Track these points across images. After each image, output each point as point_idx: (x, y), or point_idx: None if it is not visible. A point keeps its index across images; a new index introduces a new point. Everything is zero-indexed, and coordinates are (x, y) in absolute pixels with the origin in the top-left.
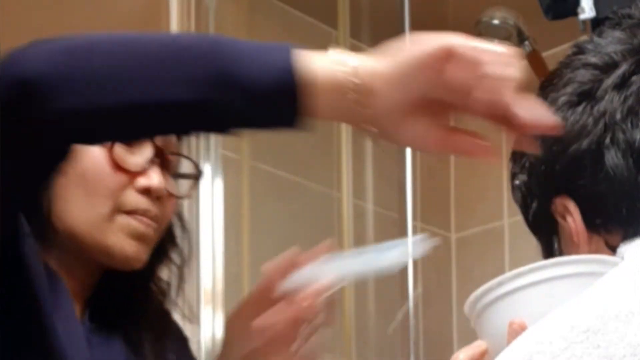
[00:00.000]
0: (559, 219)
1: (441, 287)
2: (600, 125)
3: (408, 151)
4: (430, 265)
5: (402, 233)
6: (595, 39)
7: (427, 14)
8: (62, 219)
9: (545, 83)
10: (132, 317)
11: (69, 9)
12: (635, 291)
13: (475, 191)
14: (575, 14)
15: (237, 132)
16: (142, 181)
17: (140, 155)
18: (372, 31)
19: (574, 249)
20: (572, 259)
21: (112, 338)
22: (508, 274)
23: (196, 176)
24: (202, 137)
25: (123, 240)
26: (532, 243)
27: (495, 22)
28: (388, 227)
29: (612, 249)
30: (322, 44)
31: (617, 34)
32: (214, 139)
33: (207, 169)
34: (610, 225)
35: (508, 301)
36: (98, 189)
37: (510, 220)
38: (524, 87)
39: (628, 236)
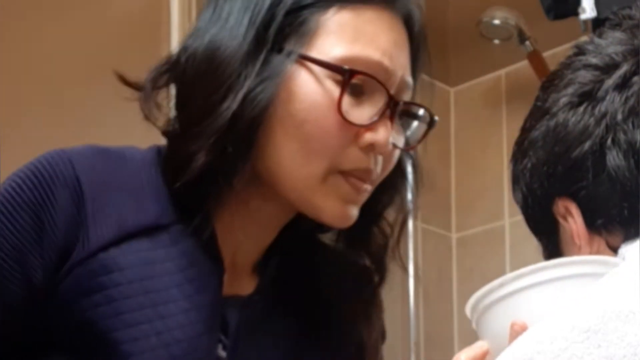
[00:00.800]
0: (560, 220)
1: (442, 287)
2: (602, 126)
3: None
4: (431, 265)
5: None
6: (596, 39)
7: (429, 14)
8: (268, 168)
9: (546, 83)
10: (324, 287)
11: (70, 8)
12: (636, 291)
13: (475, 191)
14: (576, 14)
15: None
16: (367, 137)
17: (371, 106)
18: None
19: (575, 250)
20: (574, 260)
21: (283, 315)
22: (509, 275)
23: (429, 123)
24: None
25: (333, 202)
26: (532, 243)
27: (496, 22)
28: None
29: (614, 250)
30: None
31: (618, 34)
32: None
33: None
34: (611, 226)
35: (509, 302)
36: (318, 147)
37: (511, 220)
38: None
39: (629, 237)
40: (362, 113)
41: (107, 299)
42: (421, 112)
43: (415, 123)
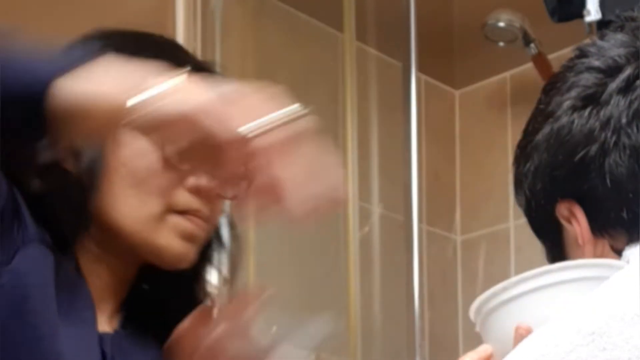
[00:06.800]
0: (564, 223)
1: (446, 289)
2: (607, 129)
3: (414, 153)
4: (436, 267)
5: (408, 235)
6: (598, 42)
7: (433, 17)
8: (109, 216)
9: (548, 86)
10: (172, 321)
11: (74, 9)
12: None
13: (480, 193)
14: (581, 16)
15: None
16: (192, 180)
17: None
18: (378, 34)
19: (579, 253)
20: (578, 264)
21: (148, 344)
22: (513, 279)
23: None
24: None
25: (173, 240)
26: (537, 245)
27: (501, 24)
28: (393, 230)
29: (618, 253)
30: (327, 47)
31: (620, 36)
32: None
33: None
34: (615, 228)
35: (513, 306)
36: (149, 188)
37: (516, 222)
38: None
39: (633, 239)
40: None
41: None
42: None
43: None
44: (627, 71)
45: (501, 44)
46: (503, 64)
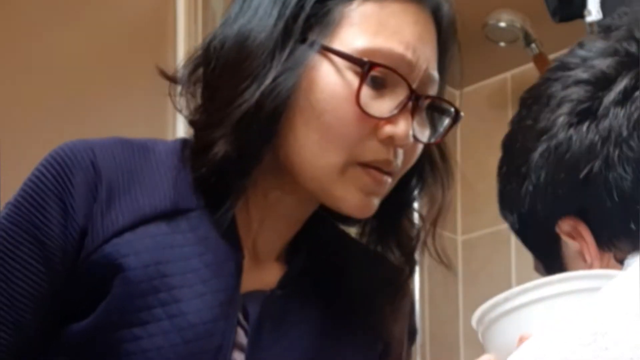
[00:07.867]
0: (565, 238)
1: (447, 289)
2: (609, 143)
3: None
4: (437, 267)
5: None
6: (578, 51)
7: None
8: (289, 157)
9: (529, 100)
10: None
11: (76, 10)
12: None
13: (481, 193)
14: (582, 16)
15: None
16: (387, 130)
17: (392, 99)
18: None
19: (586, 268)
20: (579, 275)
21: (308, 309)
22: (514, 290)
23: (454, 118)
24: None
25: (352, 194)
26: None
27: (502, 24)
28: None
29: (621, 263)
30: None
31: (600, 44)
32: None
33: None
34: (620, 239)
35: (514, 317)
36: (336, 137)
37: None
38: None
39: (637, 250)
40: (382, 106)
41: (122, 281)
42: (446, 106)
43: (441, 117)
44: (623, 82)
45: (502, 44)
46: (504, 64)
